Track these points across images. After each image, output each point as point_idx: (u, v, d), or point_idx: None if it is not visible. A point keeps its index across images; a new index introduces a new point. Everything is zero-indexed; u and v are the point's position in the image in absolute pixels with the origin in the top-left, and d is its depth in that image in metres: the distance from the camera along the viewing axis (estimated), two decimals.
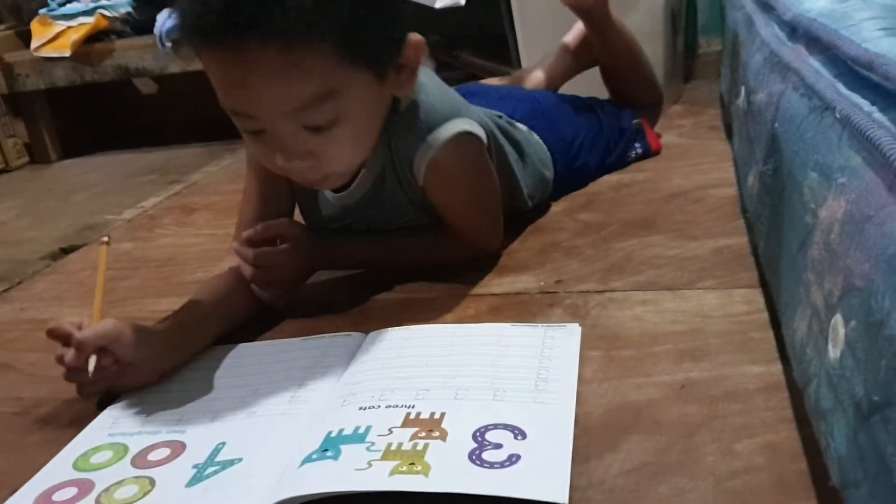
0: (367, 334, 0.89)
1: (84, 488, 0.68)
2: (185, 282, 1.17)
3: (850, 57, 0.58)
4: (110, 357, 0.80)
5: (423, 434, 0.66)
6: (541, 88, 1.52)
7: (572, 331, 0.84)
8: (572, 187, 1.30)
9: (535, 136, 1.25)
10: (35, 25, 2.20)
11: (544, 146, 1.25)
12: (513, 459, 0.62)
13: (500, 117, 1.17)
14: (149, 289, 1.18)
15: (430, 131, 0.95)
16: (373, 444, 0.65)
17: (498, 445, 0.64)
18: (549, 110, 1.33)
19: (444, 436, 0.66)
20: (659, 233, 1.09)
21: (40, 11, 2.21)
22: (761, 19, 1.00)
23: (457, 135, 0.95)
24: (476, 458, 0.63)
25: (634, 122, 1.45)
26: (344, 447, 0.65)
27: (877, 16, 0.61)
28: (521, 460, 0.62)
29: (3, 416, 0.87)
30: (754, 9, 1.08)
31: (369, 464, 0.62)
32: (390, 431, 0.67)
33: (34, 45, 2.18)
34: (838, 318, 0.48)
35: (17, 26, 2.36)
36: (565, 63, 1.57)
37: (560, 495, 0.59)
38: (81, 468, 0.72)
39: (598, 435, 0.67)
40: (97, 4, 2.14)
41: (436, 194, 1.01)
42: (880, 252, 0.42)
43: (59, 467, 0.73)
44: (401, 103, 0.94)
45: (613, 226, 1.14)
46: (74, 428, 0.79)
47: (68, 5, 2.18)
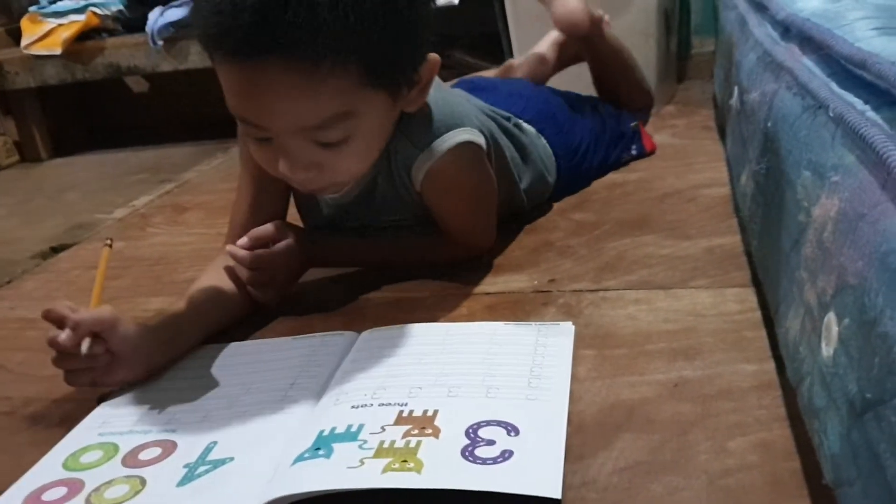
0: (359, 333, 0.89)
1: (74, 488, 0.68)
2: (176, 281, 1.17)
3: (844, 56, 0.58)
4: (103, 345, 0.79)
5: (416, 431, 0.66)
6: None
7: (566, 330, 0.84)
8: (574, 189, 1.30)
9: (543, 139, 1.24)
10: (25, 23, 2.19)
11: (550, 150, 1.24)
12: (505, 455, 0.62)
13: (509, 119, 1.17)
14: (140, 288, 1.18)
15: (431, 141, 0.94)
16: (365, 442, 0.65)
17: (491, 442, 0.64)
18: (557, 112, 1.32)
19: (436, 433, 0.66)
20: (652, 232, 1.09)
21: (30, 8, 2.20)
22: (754, 19, 1.00)
23: (457, 145, 0.94)
24: (469, 454, 0.63)
25: (632, 124, 1.45)
26: (336, 445, 0.65)
27: (869, 15, 0.61)
28: (513, 456, 0.62)
29: None
30: (747, 9, 1.08)
31: (361, 462, 0.62)
32: (383, 429, 0.67)
33: (24, 42, 2.17)
34: (831, 317, 0.48)
35: (6, 23, 2.35)
36: (542, 71, 1.57)
37: (553, 490, 0.59)
38: (71, 468, 0.71)
39: (591, 433, 0.67)
40: (88, 2, 2.13)
41: (432, 200, 1.00)
42: (874, 250, 0.42)
43: (48, 467, 0.72)
44: (403, 113, 0.93)
45: (607, 225, 1.15)
46: (64, 427, 0.79)
47: (59, 3, 2.17)
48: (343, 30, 0.74)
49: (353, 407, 0.72)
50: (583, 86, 1.56)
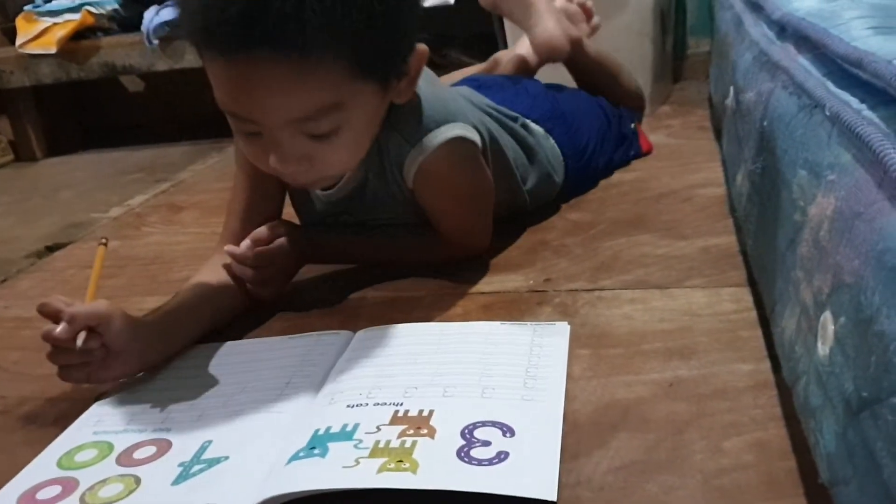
0: (355, 332, 0.89)
1: (68, 487, 0.67)
2: (171, 280, 1.17)
3: (840, 55, 0.58)
4: (98, 340, 0.79)
5: (412, 431, 0.66)
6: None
7: (561, 329, 0.84)
8: (581, 190, 1.29)
9: (552, 140, 1.23)
10: (20, 22, 2.19)
11: (558, 151, 1.24)
12: (501, 457, 0.62)
13: (516, 119, 1.16)
14: (135, 287, 1.18)
15: (423, 136, 0.93)
16: (360, 441, 0.65)
17: (486, 443, 0.64)
18: (565, 112, 1.30)
19: (432, 433, 0.66)
20: (648, 232, 1.09)
21: (25, 7, 2.19)
22: (750, 19, 1.00)
23: (449, 140, 0.94)
24: (464, 455, 0.63)
25: (632, 125, 1.45)
26: (331, 445, 0.65)
27: (865, 15, 0.62)
28: (509, 457, 0.62)
29: None
30: (743, 8, 1.08)
31: (357, 461, 0.62)
32: (378, 429, 0.67)
33: (19, 41, 2.17)
34: (827, 315, 0.48)
35: (1, 22, 2.35)
36: (525, 71, 1.55)
37: (548, 492, 0.58)
38: (66, 466, 0.71)
39: (586, 433, 0.67)
40: (83, 1, 2.13)
41: (425, 198, 1.00)
42: (870, 248, 0.42)
43: (42, 466, 0.72)
44: (394, 107, 0.93)
45: (602, 225, 1.15)
46: (59, 426, 0.78)
47: (54, 1, 2.16)
48: (331, 21, 0.74)
49: (348, 406, 0.71)
50: (570, 79, 1.55)
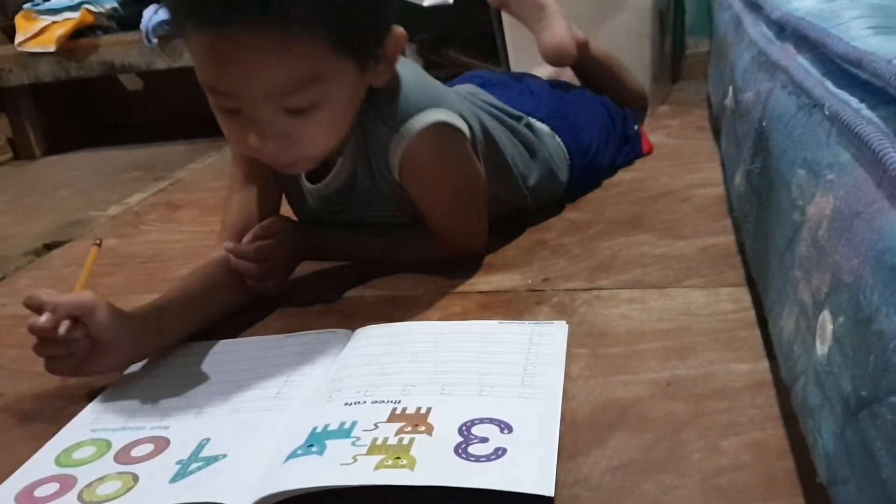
0: (353, 331, 0.89)
1: (66, 484, 0.67)
2: (169, 278, 1.16)
3: (839, 55, 0.58)
4: (82, 329, 0.79)
5: (409, 429, 0.66)
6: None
7: (559, 328, 0.84)
8: (586, 190, 1.29)
9: (557, 139, 1.24)
10: (19, 20, 2.19)
11: (564, 150, 1.24)
12: (499, 453, 0.62)
13: (520, 119, 1.16)
14: (133, 285, 1.17)
15: (404, 122, 0.94)
16: (358, 439, 0.65)
17: (484, 439, 0.64)
18: (569, 111, 1.31)
19: (429, 430, 0.66)
20: (646, 232, 1.09)
21: (25, 6, 2.19)
22: (749, 19, 1.00)
23: (432, 125, 0.94)
24: (462, 451, 0.62)
25: (635, 126, 1.45)
26: (329, 442, 0.65)
27: (865, 14, 0.62)
28: (507, 454, 0.62)
29: None
30: (742, 8, 1.09)
31: (354, 458, 0.62)
32: (376, 426, 0.67)
33: (18, 39, 2.16)
34: (826, 315, 0.48)
35: (1, 20, 2.34)
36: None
37: (546, 488, 0.58)
38: (63, 464, 0.71)
39: (584, 432, 0.67)
40: None
41: (412, 189, 1.00)
42: (869, 247, 0.42)
43: (40, 463, 0.72)
44: (376, 94, 0.94)
45: (601, 225, 1.15)
46: (56, 424, 0.78)
47: (53, 0, 2.16)
48: None
49: (346, 404, 0.71)
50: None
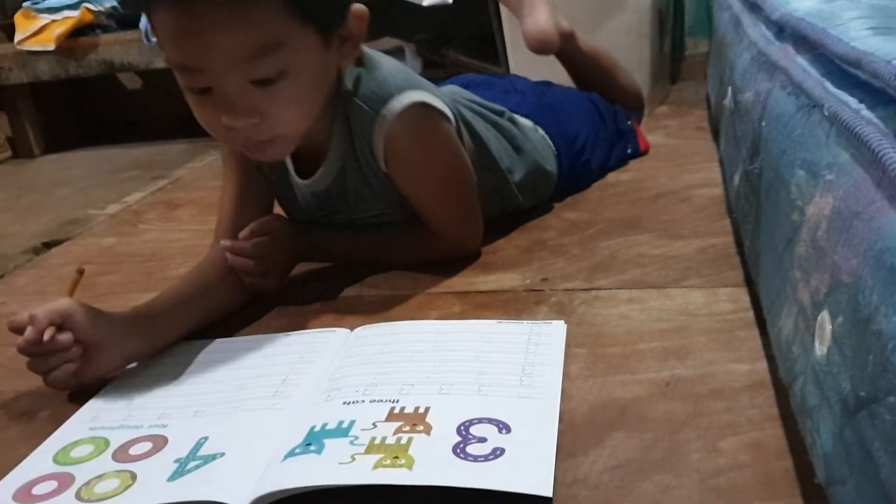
0: (351, 330, 0.89)
1: (64, 482, 0.67)
2: (168, 277, 1.16)
3: (838, 55, 0.58)
4: (68, 335, 0.80)
5: (408, 428, 0.66)
6: None
7: (558, 328, 0.84)
8: (576, 188, 1.30)
9: (541, 131, 1.24)
10: (19, 18, 2.19)
11: (549, 142, 1.24)
12: (497, 453, 0.62)
13: (502, 114, 1.17)
14: (132, 284, 1.17)
15: (386, 103, 0.94)
16: (356, 438, 0.65)
17: (482, 439, 0.64)
18: (553, 104, 1.32)
19: (428, 430, 0.66)
20: (645, 232, 1.09)
21: (24, 4, 2.19)
22: (748, 19, 1.00)
23: (412, 105, 0.94)
24: (460, 451, 0.62)
25: (629, 122, 1.45)
26: (327, 441, 0.65)
27: (864, 15, 0.62)
28: (505, 454, 0.62)
29: None
30: (741, 9, 1.09)
31: (353, 458, 0.62)
32: (374, 426, 0.67)
33: (18, 38, 2.16)
34: (825, 315, 0.48)
35: (0, 19, 2.34)
36: None
37: (544, 488, 0.58)
38: (62, 462, 0.71)
39: (583, 431, 0.67)
40: None
41: (400, 178, 1.00)
42: (868, 248, 0.42)
43: (38, 461, 0.72)
44: (359, 80, 0.95)
45: (600, 225, 1.15)
46: (55, 422, 0.78)
47: None
48: None
49: (344, 403, 0.71)
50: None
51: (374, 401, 0.71)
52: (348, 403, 0.71)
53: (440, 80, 1.39)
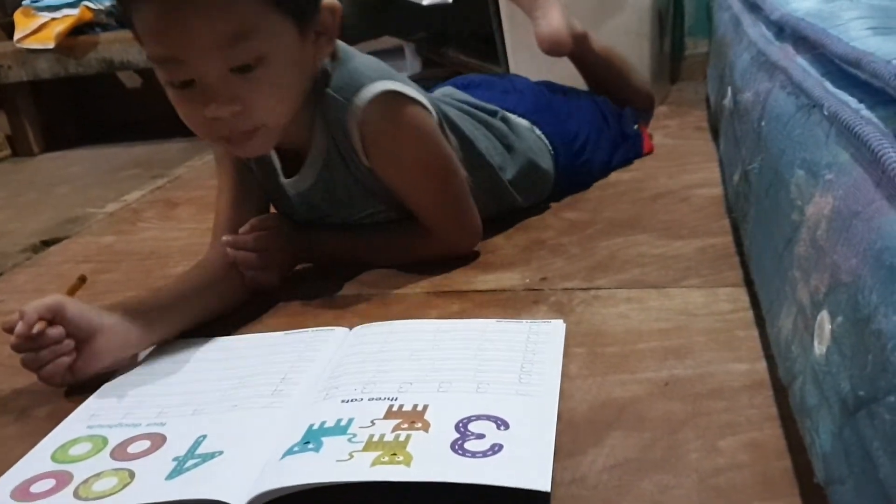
0: (350, 329, 0.89)
1: (62, 480, 0.67)
2: (167, 276, 1.16)
3: (838, 55, 0.58)
4: (59, 329, 0.80)
5: (406, 425, 0.66)
6: None
7: (557, 327, 0.84)
8: (576, 187, 1.29)
9: (538, 131, 1.24)
10: (18, 16, 2.18)
11: (545, 141, 1.24)
12: (495, 449, 0.62)
13: (495, 113, 1.17)
14: (131, 282, 1.17)
15: (356, 93, 0.95)
16: (354, 435, 0.65)
17: (480, 436, 0.64)
18: (552, 103, 1.32)
19: (426, 427, 0.66)
20: (644, 232, 1.09)
21: (24, 2, 2.19)
22: (748, 19, 1.00)
23: (382, 93, 0.95)
24: (458, 447, 0.62)
25: (635, 127, 1.45)
26: (326, 439, 0.65)
27: (864, 15, 0.62)
28: (503, 450, 0.62)
29: None
30: (741, 9, 1.09)
31: (351, 455, 0.62)
32: (372, 423, 0.67)
33: (17, 36, 2.16)
34: (824, 315, 0.48)
35: (0, 17, 2.34)
36: None
37: (542, 483, 0.58)
38: (60, 460, 0.71)
39: (582, 431, 0.67)
40: None
41: (382, 170, 1.00)
42: (868, 247, 0.42)
43: (36, 459, 0.72)
44: (327, 74, 0.95)
45: (599, 224, 1.15)
46: (53, 420, 0.78)
47: None
48: None
49: (343, 401, 0.71)
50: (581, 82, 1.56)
51: (373, 399, 0.71)
52: (347, 401, 0.71)
53: (440, 80, 1.40)
